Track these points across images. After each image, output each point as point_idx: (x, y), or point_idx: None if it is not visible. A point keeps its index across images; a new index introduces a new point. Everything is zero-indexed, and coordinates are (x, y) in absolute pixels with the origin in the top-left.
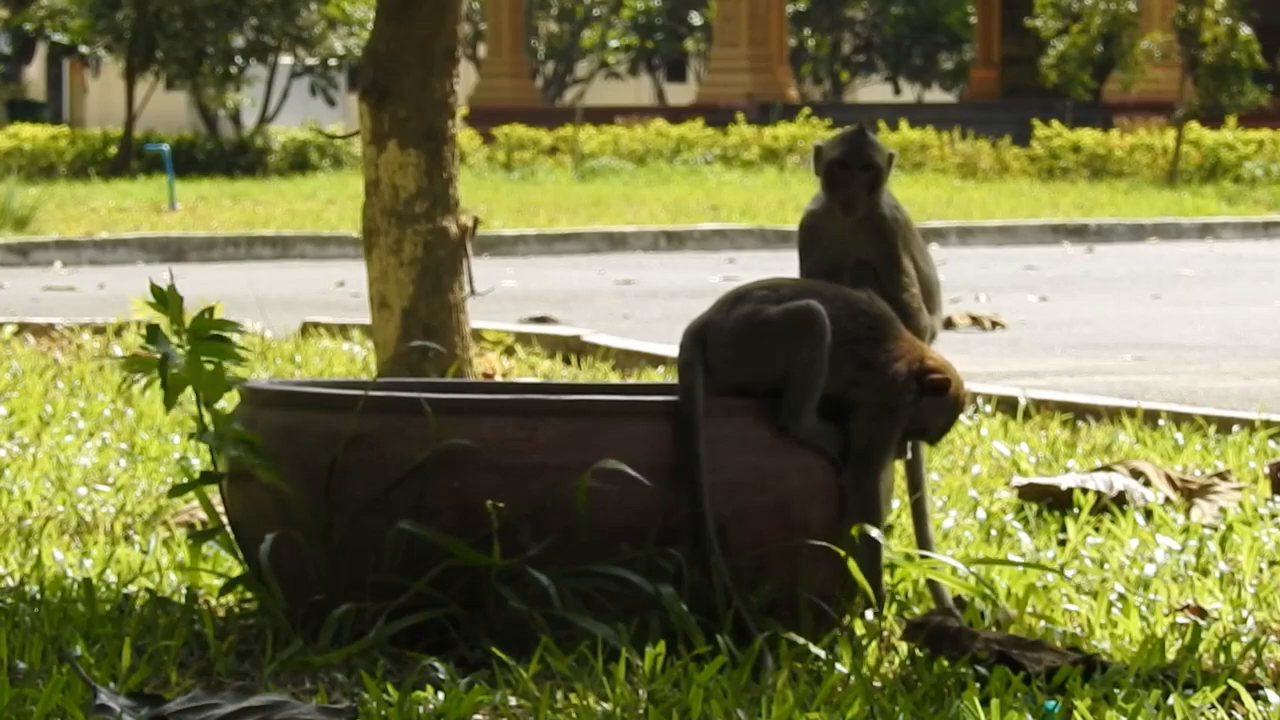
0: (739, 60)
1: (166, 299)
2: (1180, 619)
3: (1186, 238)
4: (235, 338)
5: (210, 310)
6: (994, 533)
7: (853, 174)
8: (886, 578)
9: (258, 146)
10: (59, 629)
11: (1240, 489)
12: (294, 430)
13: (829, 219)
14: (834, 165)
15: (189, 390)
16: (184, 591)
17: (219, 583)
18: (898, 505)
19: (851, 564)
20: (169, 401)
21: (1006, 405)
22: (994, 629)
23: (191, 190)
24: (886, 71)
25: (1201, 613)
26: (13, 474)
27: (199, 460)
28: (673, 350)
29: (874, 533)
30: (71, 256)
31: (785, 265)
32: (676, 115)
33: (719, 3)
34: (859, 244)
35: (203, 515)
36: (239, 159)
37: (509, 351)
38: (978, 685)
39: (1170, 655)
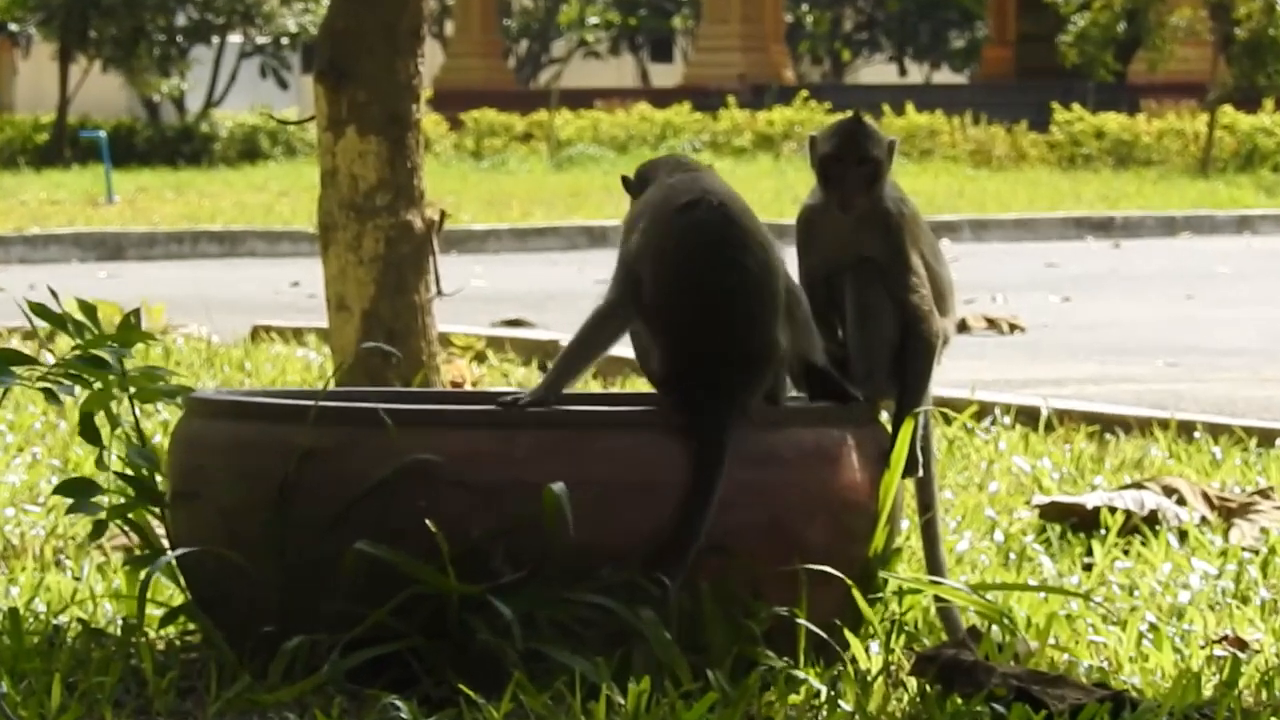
0: (730, 38)
1: (59, 318)
2: (1218, 651)
3: (1222, 231)
4: (159, 350)
5: (135, 315)
6: (1013, 556)
7: (849, 169)
8: (894, 606)
9: (203, 133)
10: None
11: None
12: (243, 444)
13: (828, 215)
14: (828, 160)
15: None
16: (120, 622)
17: (159, 612)
18: (907, 527)
19: (856, 593)
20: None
21: (1027, 416)
22: (1012, 663)
23: (130, 181)
24: (891, 50)
25: (1241, 644)
26: None
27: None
28: None
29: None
30: None
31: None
32: (662, 98)
33: None
34: (862, 241)
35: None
36: (182, 147)
37: (479, 358)
38: None
39: (1207, 691)
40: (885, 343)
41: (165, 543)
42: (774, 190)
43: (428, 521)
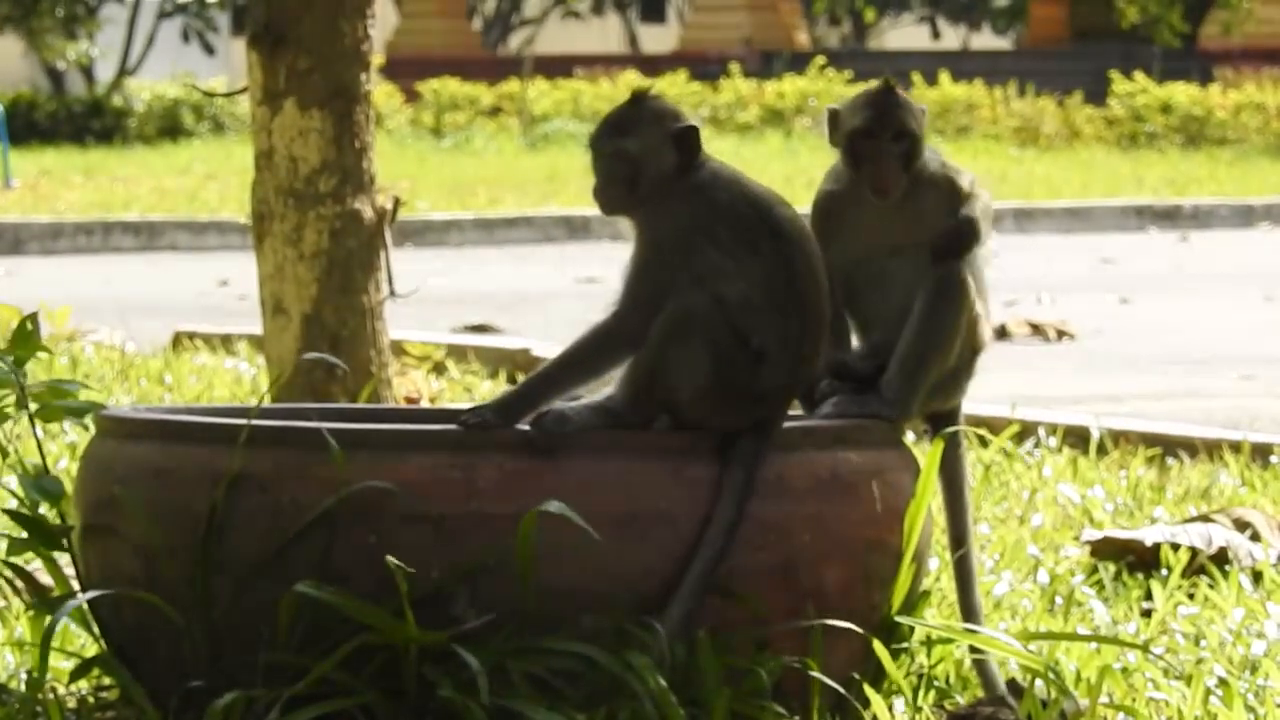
0: None
1: None
2: None
3: None
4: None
5: (31, 319)
6: (1059, 600)
7: (882, 146)
8: (922, 657)
9: (116, 107)
10: None
11: None
12: (164, 470)
13: (852, 201)
14: (858, 137)
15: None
16: (24, 676)
17: (69, 665)
18: (936, 566)
19: (878, 645)
20: None
21: (1076, 437)
22: None
23: (31, 162)
24: (923, 10)
25: None
26: None
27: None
28: None
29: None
30: None
31: None
32: (653, 66)
33: None
34: (904, 227)
35: (49, 579)
36: (92, 123)
37: (439, 369)
38: None
39: None
40: (944, 360)
41: (75, 584)
42: (785, 174)
43: (389, 559)
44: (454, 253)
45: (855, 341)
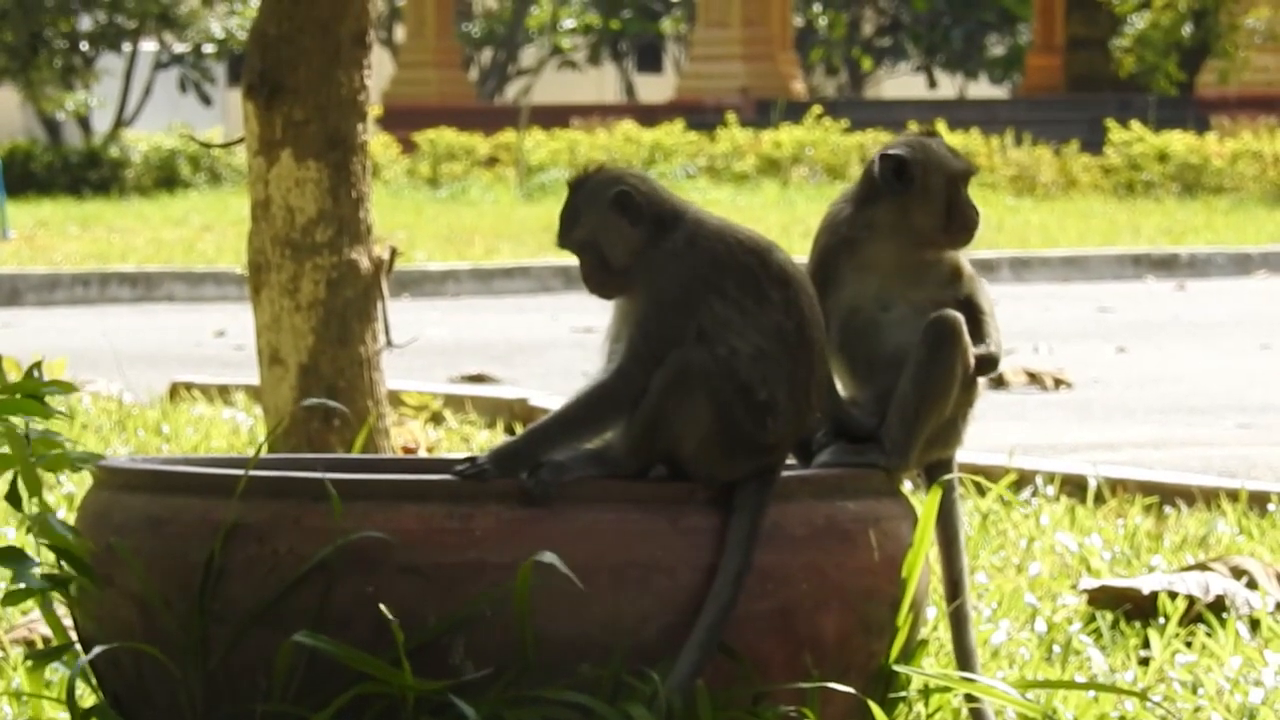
0: (730, 45)
1: None
2: None
3: None
4: (64, 406)
5: (36, 368)
6: (1057, 649)
7: (967, 189)
8: (919, 706)
9: (112, 158)
10: None
11: None
12: (161, 520)
13: (884, 247)
14: (962, 181)
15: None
16: None
17: (66, 716)
18: (934, 615)
19: (873, 705)
20: None
21: (1073, 486)
22: None
23: (28, 214)
24: (919, 59)
25: None
26: None
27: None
28: None
29: None
30: None
31: None
32: (650, 115)
33: None
34: (908, 280)
35: (46, 630)
36: (89, 174)
37: (436, 419)
38: None
39: None
40: (941, 408)
41: (73, 634)
42: (782, 223)
43: (381, 607)
44: (451, 303)
45: (841, 390)
